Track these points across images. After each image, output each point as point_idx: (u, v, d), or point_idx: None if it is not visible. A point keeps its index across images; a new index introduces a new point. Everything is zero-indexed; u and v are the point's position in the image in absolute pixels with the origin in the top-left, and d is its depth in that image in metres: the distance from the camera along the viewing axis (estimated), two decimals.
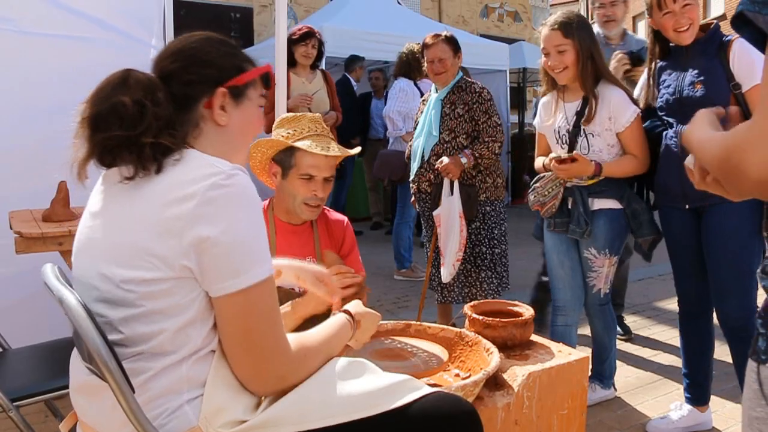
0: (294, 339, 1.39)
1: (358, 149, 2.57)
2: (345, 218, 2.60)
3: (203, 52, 1.46)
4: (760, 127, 0.82)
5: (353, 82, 7.62)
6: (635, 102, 2.94)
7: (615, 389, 3.37)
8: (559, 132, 3.03)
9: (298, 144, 2.29)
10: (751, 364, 0.96)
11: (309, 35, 5.12)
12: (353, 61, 7.60)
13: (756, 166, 0.81)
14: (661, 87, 2.82)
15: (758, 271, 1.00)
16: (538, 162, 3.17)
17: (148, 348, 1.30)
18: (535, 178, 3.15)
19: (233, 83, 1.45)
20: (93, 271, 1.35)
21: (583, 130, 2.94)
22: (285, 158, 2.34)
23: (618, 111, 2.87)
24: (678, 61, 2.77)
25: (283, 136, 2.34)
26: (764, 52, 0.85)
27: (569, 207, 3.02)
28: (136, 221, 1.29)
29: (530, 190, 3.15)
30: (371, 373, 1.48)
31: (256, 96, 1.52)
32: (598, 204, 2.98)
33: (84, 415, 1.44)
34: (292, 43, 5.09)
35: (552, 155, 3.00)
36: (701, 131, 1.01)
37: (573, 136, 2.97)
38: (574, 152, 2.91)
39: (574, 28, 2.88)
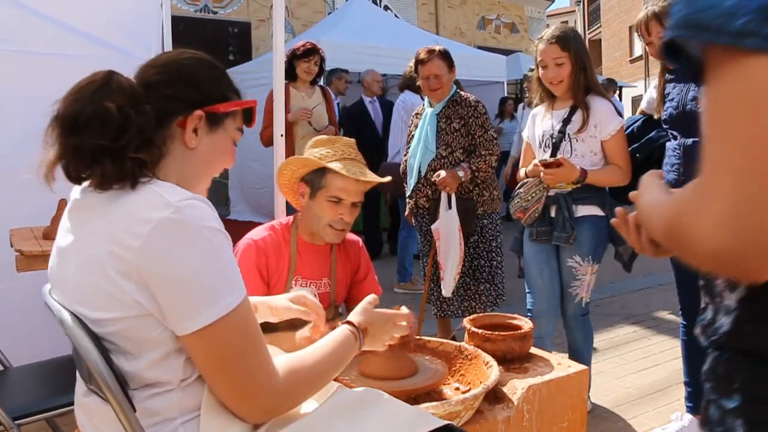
0: (284, 363, 1.32)
1: (388, 178, 2.47)
2: (359, 239, 2.59)
3: (191, 71, 1.41)
4: (705, 191, 0.68)
5: (333, 95, 7.33)
6: (620, 114, 3.04)
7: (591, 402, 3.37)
8: (542, 137, 3.11)
9: (331, 165, 2.26)
10: None
11: (312, 51, 5.14)
12: (331, 73, 7.09)
13: (707, 231, 0.66)
14: (666, 99, 2.87)
15: (696, 330, 0.85)
16: (522, 172, 3.23)
17: (132, 385, 1.28)
18: (518, 185, 3.20)
19: (212, 109, 1.40)
20: (66, 310, 1.32)
21: (568, 134, 3.01)
22: (315, 179, 2.31)
23: (604, 120, 2.98)
24: (682, 75, 2.81)
25: (316, 156, 2.30)
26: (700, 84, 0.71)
27: (552, 215, 3.06)
28: (89, 260, 1.25)
29: (513, 196, 3.19)
30: (379, 408, 1.43)
31: (233, 129, 1.47)
32: (582, 210, 3.03)
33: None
34: (295, 57, 5.11)
35: (535, 161, 3.06)
36: (649, 195, 0.87)
37: (558, 141, 3.04)
38: (560, 156, 2.96)
39: (570, 41, 2.98)
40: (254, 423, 1.30)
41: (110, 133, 1.24)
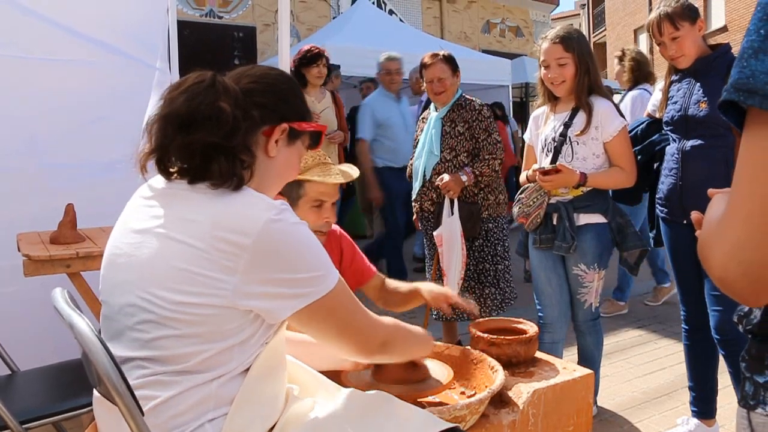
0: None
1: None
2: (337, 227, 2.56)
3: (282, 85, 1.52)
4: (723, 224, 0.78)
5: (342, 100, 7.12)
6: (622, 114, 2.99)
7: (597, 406, 3.37)
8: (545, 141, 3.07)
9: (310, 177, 2.24)
10: (740, 411, 0.93)
11: (319, 56, 5.15)
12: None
13: (718, 259, 0.78)
14: (669, 101, 2.87)
15: (734, 318, 0.97)
16: (524, 176, 3.19)
17: (183, 368, 1.31)
18: (520, 190, 3.16)
19: (295, 125, 1.51)
20: (137, 291, 1.33)
21: (569, 137, 2.97)
22: (291, 190, 2.28)
23: (605, 121, 2.92)
24: (688, 78, 2.82)
25: None
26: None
27: (554, 223, 3.02)
28: (185, 246, 1.29)
29: (515, 202, 3.16)
30: (389, 410, 1.50)
31: (303, 147, 1.58)
32: (584, 219, 2.99)
33: (103, 427, 1.46)
34: (303, 65, 5.12)
35: (535, 166, 3.03)
36: (709, 211, 0.95)
37: (559, 144, 2.99)
38: (558, 163, 2.93)
39: (574, 42, 2.93)
40: (373, 359, 1.57)
41: (222, 132, 1.33)
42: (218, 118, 1.33)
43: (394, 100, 5.94)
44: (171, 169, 1.38)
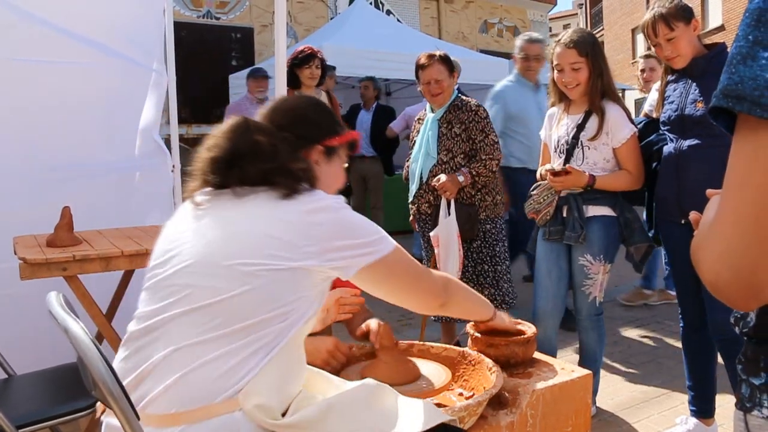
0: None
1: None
2: None
3: (309, 113, 1.75)
4: (714, 228, 0.79)
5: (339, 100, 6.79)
6: (632, 121, 3.02)
7: (596, 406, 3.36)
8: (558, 142, 3.11)
9: None
10: (737, 414, 0.93)
11: (311, 57, 5.12)
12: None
13: (708, 263, 0.79)
14: (665, 101, 2.87)
15: (730, 320, 0.97)
16: (538, 173, 3.25)
17: (229, 330, 1.40)
18: (532, 187, 3.22)
19: (328, 143, 1.72)
20: (213, 266, 1.45)
21: (581, 141, 3.01)
22: None
23: (615, 127, 2.96)
24: (684, 78, 2.82)
25: None
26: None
27: (564, 215, 3.08)
28: (277, 220, 1.47)
29: (527, 197, 3.23)
30: (395, 398, 1.64)
31: (343, 156, 1.79)
32: (593, 211, 3.04)
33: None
34: (296, 66, 5.09)
35: (547, 166, 3.10)
36: (705, 214, 0.95)
37: (571, 147, 3.03)
38: (567, 165, 2.99)
39: (589, 46, 2.97)
40: (444, 302, 1.73)
41: (267, 158, 1.53)
42: (258, 149, 1.53)
43: (531, 89, 5.04)
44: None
